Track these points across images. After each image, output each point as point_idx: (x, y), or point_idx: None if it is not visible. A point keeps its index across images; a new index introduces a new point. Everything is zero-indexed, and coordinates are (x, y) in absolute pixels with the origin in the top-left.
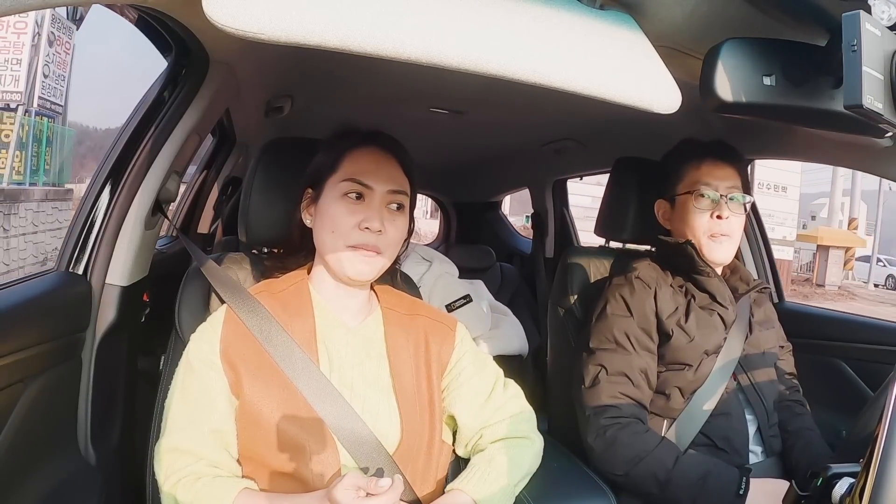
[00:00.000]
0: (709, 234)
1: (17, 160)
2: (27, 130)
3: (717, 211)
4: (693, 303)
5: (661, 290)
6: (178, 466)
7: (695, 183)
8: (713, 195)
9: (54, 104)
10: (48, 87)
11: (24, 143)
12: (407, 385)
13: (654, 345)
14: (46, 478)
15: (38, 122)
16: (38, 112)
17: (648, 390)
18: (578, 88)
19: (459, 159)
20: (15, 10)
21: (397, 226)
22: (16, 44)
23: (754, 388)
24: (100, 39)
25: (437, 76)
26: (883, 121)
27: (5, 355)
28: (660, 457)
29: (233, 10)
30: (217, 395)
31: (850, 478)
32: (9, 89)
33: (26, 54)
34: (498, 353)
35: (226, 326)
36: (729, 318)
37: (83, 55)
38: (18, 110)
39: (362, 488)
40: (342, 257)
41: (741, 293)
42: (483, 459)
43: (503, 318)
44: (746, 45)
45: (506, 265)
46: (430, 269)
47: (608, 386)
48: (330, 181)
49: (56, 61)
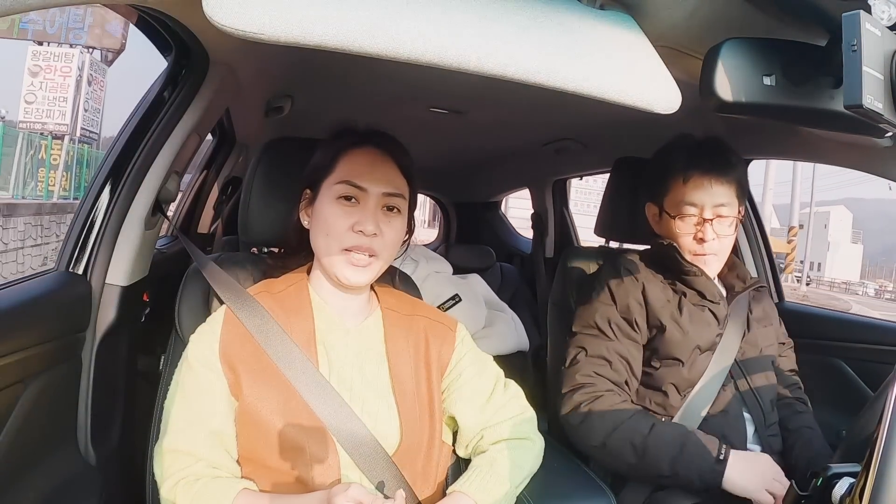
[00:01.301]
0: (693, 252)
1: (64, 179)
2: (72, 156)
3: (701, 234)
4: (685, 299)
5: (651, 284)
6: (178, 468)
7: (679, 203)
8: (697, 219)
9: (92, 132)
10: (87, 119)
11: (69, 165)
12: (406, 386)
13: (639, 335)
14: (46, 478)
15: (80, 149)
16: (80, 140)
17: (627, 374)
18: (578, 88)
19: (459, 159)
20: (15, 11)
21: (394, 227)
22: (62, 84)
23: (751, 387)
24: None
25: (437, 76)
26: (883, 121)
27: (5, 355)
28: (635, 425)
29: (233, 10)
30: (217, 397)
31: (850, 478)
32: (58, 122)
33: (71, 93)
34: (494, 352)
35: (225, 327)
36: (720, 313)
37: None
38: (65, 139)
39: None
40: (336, 262)
41: (738, 291)
42: (485, 461)
43: (499, 315)
44: (746, 45)
45: (506, 265)
46: (417, 268)
47: (586, 366)
48: (326, 182)
49: (93, 97)
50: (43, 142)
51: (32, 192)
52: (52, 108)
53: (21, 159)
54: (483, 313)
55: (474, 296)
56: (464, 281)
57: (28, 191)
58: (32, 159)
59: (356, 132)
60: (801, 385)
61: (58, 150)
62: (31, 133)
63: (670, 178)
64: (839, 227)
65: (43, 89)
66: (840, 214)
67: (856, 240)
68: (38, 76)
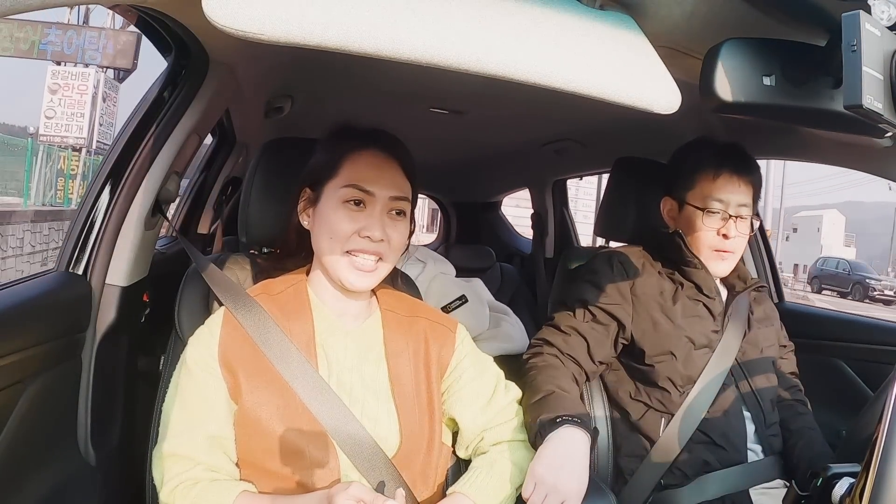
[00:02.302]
0: (713, 248)
1: (82, 188)
2: (88, 167)
3: (724, 230)
4: (681, 290)
5: (643, 278)
6: (176, 472)
7: (706, 198)
8: (723, 214)
9: (106, 145)
10: (102, 133)
11: (86, 175)
12: (406, 388)
13: (610, 326)
14: (46, 478)
15: (96, 160)
16: (96, 152)
17: (581, 351)
18: (578, 88)
19: (459, 159)
20: (15, 11)
21: (399, 231)
22: (79, 101)
23: (751, 387)
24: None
25: (437, 76)
26: (883, 121)
27: (5, 355)
28: (543, 381)
29: (233, 10)
30: (216, 401)
31: (850, 478)
32: (76, 135)
33: (87, 109)
34: (500, 352)
35: (224, 330)
36: (715, 309)
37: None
38: (82, 151)
39: (365, 501)
40: (339, 265)
41: (738, 291)
42: (485, 462)
43: (503, 318)
44: (746, 45)
45: (506, 265)
46: (424, 270)
47: (544, 332)
48: (329, 185)
49: (108, 112)
50: (62, 154)
51: (52, 200)
52: (71, 122)
53: (41, 170)
54: (487, 314)
55: (479, 297)
56: (468, 284)
57: (48, 199)
58: (52, 170)
59: (360, 132)
60: (801, 388)
61: (76, 161)
62: (50, 146)
63: (699, 173)
64: (832, 230)
65: (62, 105)
66: (833, 218)
67: (848, 243)
68: (57, 93)
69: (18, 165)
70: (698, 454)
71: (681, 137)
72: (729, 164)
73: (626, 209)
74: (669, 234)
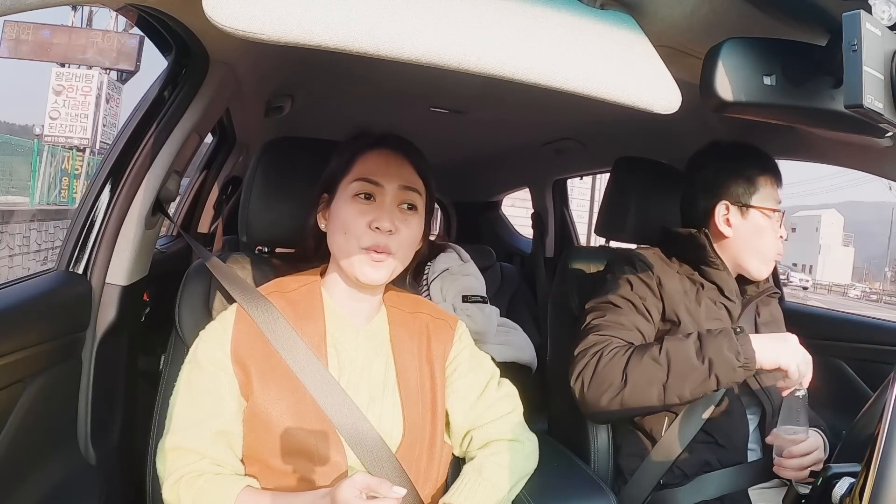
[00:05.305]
0: (778, 252)
1: (85, 188)
2: (91, 166)
3: (780, 231)
4: (702, 291)
5: (666, 276)
6: (181, 464)
7: (773, 199)
8: (780, 218)
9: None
10: (105, 133)
11: (90, 175)
12: (411, 383)
13: (651, 320)
14: (46, 478)
15: (99, 160)
16: (99, 152)
17: (640, 342)
18: (578, 88)
19: (459, 159)
20: (15, 10)
21: (410, 226)
22: (83, 103)
23: (761, 387)
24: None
25: (437, 76)
26: (883, 121)
27: (5, 355)
28: (645, 350)
29: (233, 10)
30: (226, 397)
31: (850, 478)
32: (80, 136)
33: (91, 110)
34: (512, 359)
35: (237, 326)
36: (735, 311)
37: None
38: (86, 151)
39: (372, 487)
40: (354, 260)
41: (750, 296)
42: (472, 469)
43: (513, 331)
44: (746, 45)
45: (506, 265)
46: (468, 262)
47: (602, 328)
48: (342, 183)
49: (111, 113)
50: (66, 154)
51: (57, 199)
52: (75, 123)
53: (45, 169)
54: (496, 325)
55: (494, 311)
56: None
57: (53, 198)
58: (56, 169)
59: (372, 135)
60: None
61: (80, 161)
62: (54, 146)
63: (761, 177)
64: (830, 230)
65: (66, 107)
66: (831, 218)
67: (847, 243)
68: (62, 95)
69: (24, 165)
70: (699, 454)
71: (681, 137)
72: (773, 166)
73: (627, 209)
74: (694, 233)
